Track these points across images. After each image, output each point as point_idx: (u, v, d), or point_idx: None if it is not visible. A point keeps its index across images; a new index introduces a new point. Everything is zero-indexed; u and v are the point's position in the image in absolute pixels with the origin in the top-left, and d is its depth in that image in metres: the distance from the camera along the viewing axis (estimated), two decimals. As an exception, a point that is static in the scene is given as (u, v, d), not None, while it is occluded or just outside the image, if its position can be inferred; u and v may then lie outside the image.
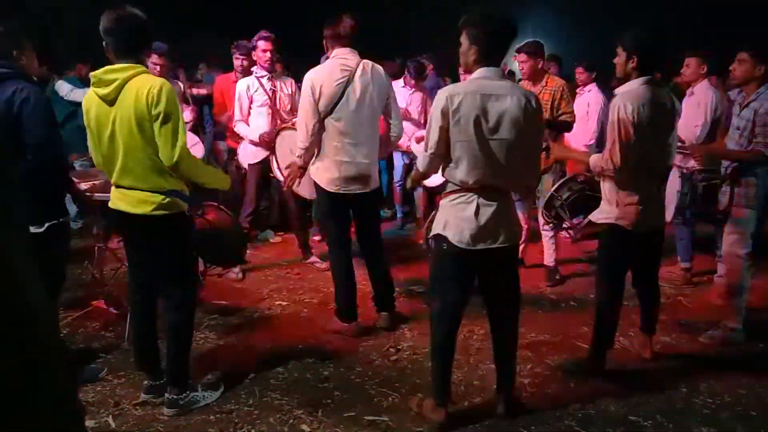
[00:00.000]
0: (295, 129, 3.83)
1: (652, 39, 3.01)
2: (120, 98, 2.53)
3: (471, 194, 2.57)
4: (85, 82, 5.85)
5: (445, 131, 2.52)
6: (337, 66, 3.42)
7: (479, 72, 2.56)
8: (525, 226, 4.84)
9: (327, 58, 3.56)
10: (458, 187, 2.59)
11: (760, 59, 3.38)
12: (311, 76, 3.44)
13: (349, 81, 3.40)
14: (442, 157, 2.59)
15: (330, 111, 3.41)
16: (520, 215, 4.76)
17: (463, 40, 2.60)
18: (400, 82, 5.86)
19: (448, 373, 2.77)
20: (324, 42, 3.53)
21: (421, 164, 2.73)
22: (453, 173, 2.59)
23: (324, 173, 3.52)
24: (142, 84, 2.51)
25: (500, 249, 2.61)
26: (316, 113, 3.41)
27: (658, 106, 2.90)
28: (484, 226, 2.56)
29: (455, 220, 2.59)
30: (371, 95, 3.45)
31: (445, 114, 2.49)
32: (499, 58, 2.61)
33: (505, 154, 2.51)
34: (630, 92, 2.92)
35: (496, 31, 2.56)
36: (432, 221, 2.85)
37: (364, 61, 3.48)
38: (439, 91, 2.60)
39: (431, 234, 2.75)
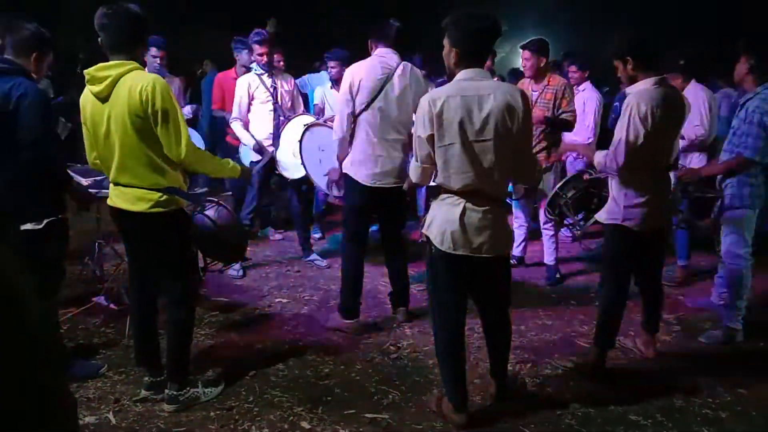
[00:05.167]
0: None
1: (641, 37, 2.98)
2: (113, 95, 2.51)
3: (459, 197, 2.52)
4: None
5: (433, 140, 2.46)
6: (378, 63, 3.50)
7: (461, 74, 2.49)
8: (525, 225, 4.85)
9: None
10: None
11: (747, 54, 3.36)
12: (352, 70, 3.53)
13: (388, 79, 3.47)
14: (434, 165, 2.53)
15: (366, 106, 3.47)
16: (521, 215, 4.80)
17: (445, 42, 2.54)
18: None
19: (461, 377, 2.68)
20: (368, 42, 3.61)
21: (413, 175, 2.68)
22: (439, 179, 2.53)
23: (361, 168, 3.56)
24: (134, 81, 2.49)
25: (486, 258, 2.54)
26: (350, 105, 3.49)
27: (670, 106, 2.86)
28: (469, 231, 2.49)
29: (440, 220, 2.54)
30: (408, 96, 3.52)
31: (431, 121, 2.43)
32: (482, 58, 2.53)
33: (492, 156, 2.44)
34: (643, 92, 2.86)
35: (476, 31, 2.48)
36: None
37: (404, 62, 3.55)
38: (421, 99, 2.55)
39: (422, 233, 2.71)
